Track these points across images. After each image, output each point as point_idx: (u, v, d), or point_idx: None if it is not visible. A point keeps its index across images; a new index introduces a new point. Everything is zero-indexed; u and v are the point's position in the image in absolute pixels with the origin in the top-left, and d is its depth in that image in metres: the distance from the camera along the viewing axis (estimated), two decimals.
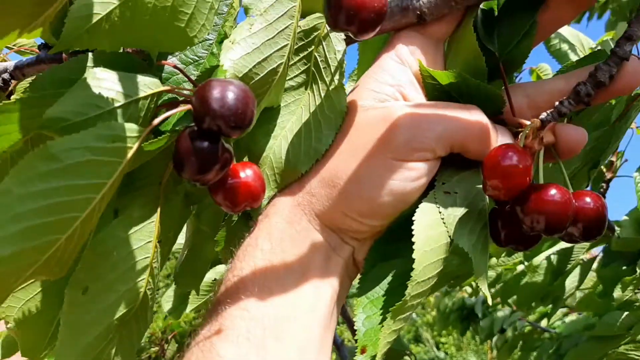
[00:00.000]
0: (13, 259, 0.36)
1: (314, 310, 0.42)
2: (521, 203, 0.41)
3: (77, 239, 0.41)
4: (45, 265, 0.40)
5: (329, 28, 0.48)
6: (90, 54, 0.44)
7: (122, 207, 0.52)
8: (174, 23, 0.40)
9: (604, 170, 1.01)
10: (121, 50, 0.45)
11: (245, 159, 0.53)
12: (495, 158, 0.41)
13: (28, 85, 0.45)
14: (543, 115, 0.45)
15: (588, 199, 0.43)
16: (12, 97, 0.89)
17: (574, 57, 1.09)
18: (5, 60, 0.83)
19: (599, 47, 1.05)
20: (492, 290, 1.97)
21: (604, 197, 1.04)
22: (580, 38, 1.06)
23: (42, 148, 0.36)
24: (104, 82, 0.40)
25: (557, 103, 0.45)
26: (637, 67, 0.44)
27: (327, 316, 0.43)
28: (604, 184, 1.03)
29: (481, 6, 0.49)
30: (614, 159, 1.01)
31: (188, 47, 0.46)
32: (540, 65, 1.17)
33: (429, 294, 0.46)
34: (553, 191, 0.41)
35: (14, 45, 0.88)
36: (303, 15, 0.49)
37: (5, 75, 0.77)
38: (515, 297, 1.82)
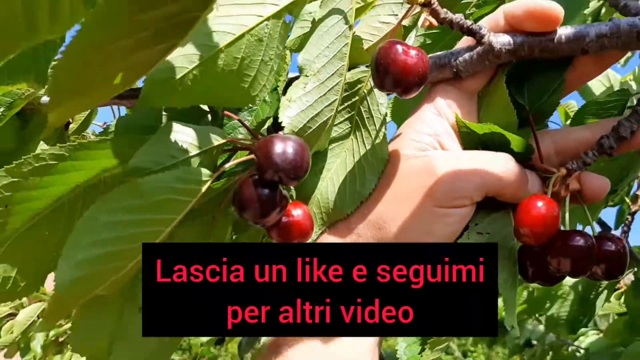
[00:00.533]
0: (89, 279, 0.42)
1: (364, 342, 0.47)
2: (549, 247, 0.46)
3: (139, 265, 0.46)
4: (111, 285, 0.45)
5: (372, 83, 0.53)
6: None
7: (176, 236, 0.57)
8: (239, 84, 0.46)
9: (629, 203, 1.05)
10: None
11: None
12: (527, 209, 0.45)
13: (110, 129, 0.51)
14: (569, 164, 0.50)
15: (610, 242, 0.48)
16: (70, 126, 0.96)
17: (600, 89, 1.12)
18: None
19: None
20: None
21: (629, 228, 1.08)
22: (607, 73, 1.10)
23: (131, 184, 0.42)
24: (179, 134, 0.45)
25: (582, 154, 0.50)
26: None
27: (374, 345, 0.48)
28: (629, 216, 1.07)
29: None
30: (639, 192, 1.05)
31: None
32: (567, 102, 1.20)
33: None
34: (578, 237, 0.45)
35: None
36: (348, 68, 0.54)
37: None
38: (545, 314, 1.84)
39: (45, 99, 0.82)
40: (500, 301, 0.51)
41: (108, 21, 0.29)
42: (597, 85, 1.23)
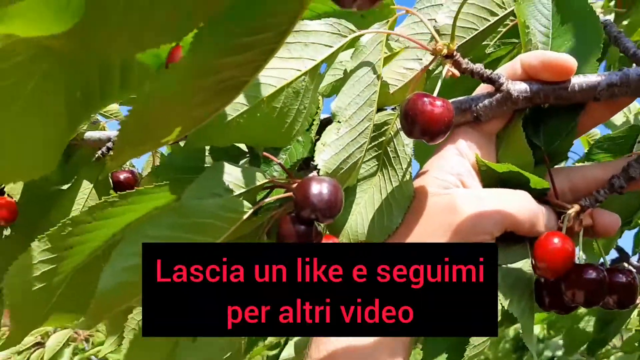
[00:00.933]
0: (128, 287, 0.45)
1: None
2: (564, 280, 0.50)
3: None
4: None
5: (398, 125, 0.57)
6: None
7: None
8: (277, 129, 0.51)
9: None
10: None
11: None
12: (545, 245, 0.49)
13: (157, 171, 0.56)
14: (582, 201, 0.54)
15: (621, 275, 0.51)
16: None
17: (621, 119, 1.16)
18: (104, 129, 0.95)
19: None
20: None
21: None
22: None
23: (179, 205, 0.47)
24: (225, 175, 0.50)
25: (594, 192, 0.54)
26: None
27: None
28: None
29: None
30: None
31: None
32: (590, 132, 1.22)
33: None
34: (591, 271, 0.49)
35: (111, 115, 1.00)
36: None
37: (109, 144, 0.89)
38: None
39: (88, 134, 0.88)
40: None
41: (173, 88, 0.34)
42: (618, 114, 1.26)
